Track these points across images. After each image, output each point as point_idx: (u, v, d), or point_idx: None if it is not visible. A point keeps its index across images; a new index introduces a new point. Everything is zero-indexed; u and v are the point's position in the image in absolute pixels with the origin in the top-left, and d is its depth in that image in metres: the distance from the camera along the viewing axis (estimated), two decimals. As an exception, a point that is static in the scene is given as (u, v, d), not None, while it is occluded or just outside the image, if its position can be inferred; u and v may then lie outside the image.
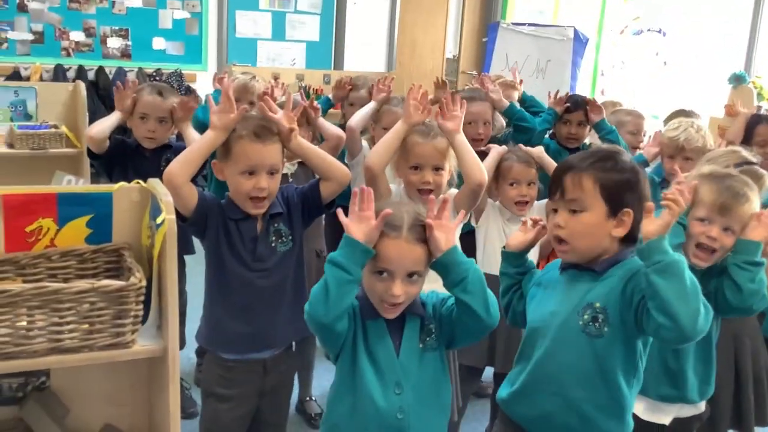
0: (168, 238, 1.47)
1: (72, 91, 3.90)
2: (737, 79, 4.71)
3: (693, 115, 3.53)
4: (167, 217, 1.47)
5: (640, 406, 1.93)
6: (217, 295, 2.02)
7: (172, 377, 1.52)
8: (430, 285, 1.63)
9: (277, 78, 4.19)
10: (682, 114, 3.53)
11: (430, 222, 1.54)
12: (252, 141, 1.93)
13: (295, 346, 2.22)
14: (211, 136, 1.95)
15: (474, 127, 2.95)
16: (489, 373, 2.76)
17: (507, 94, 3.39)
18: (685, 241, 1.93)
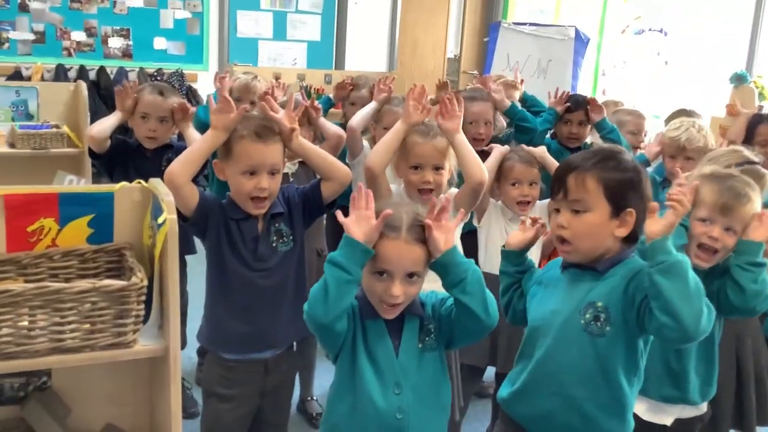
0: (169, 237, 1.47)
1: (73, 91, 3.90)
2: (738, 79, 4.70)
3: (694, 114, 3.53)
4: (168, 216, 1.47)
5: (641, 407, 1.93)
6: (218, 295, 2.02)
7: (174, 377, 1.52)
8: (430, 285, 1.63)
9: (278, 78, 4.19)
10: (683, 114, 3.52)
11: (429, 222, 1.54)
12: (253, 141, 1.93)
13: (296, 345, 2.22)
14: (211, 136, 1.95)
15: (475, 127, 2.96)
16: (490, 373, 2.76)
17: (508, 94, 3.38)
18: (687, 242, 1.93)
